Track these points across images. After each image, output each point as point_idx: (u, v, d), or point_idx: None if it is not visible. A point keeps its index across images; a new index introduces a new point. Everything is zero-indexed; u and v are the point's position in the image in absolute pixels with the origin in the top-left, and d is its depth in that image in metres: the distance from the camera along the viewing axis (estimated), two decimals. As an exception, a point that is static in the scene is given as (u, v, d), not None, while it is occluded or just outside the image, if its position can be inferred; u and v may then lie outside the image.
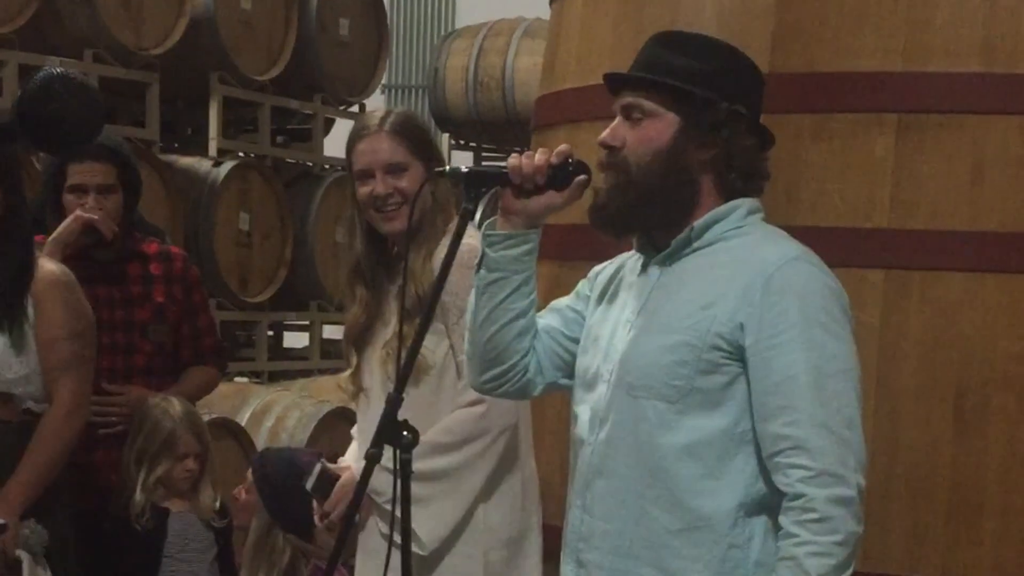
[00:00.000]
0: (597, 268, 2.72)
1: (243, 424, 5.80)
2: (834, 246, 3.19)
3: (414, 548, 3.28)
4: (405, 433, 2.49)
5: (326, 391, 6.49)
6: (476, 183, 2.58)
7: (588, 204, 2.55)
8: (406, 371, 2.51)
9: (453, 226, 2.71)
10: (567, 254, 3.83)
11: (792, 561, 2.32)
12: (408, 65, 13.76)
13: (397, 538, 2.61)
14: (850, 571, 2.33)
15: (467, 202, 2.57)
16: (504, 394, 2.73)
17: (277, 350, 8.14)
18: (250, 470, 3.95)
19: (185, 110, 7.62)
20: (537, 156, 2.51)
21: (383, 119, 3.42)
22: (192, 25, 6.84)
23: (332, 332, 8.12)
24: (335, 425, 6.02)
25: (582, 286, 2.71)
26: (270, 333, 7.85)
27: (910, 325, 3.19)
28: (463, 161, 10.33)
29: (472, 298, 2.64)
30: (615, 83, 2.56)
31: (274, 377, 7.53)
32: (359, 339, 3.53)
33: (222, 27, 7.00)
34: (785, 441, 2.35)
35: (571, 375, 2.68)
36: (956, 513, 3.15)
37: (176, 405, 4.08)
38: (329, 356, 7.88)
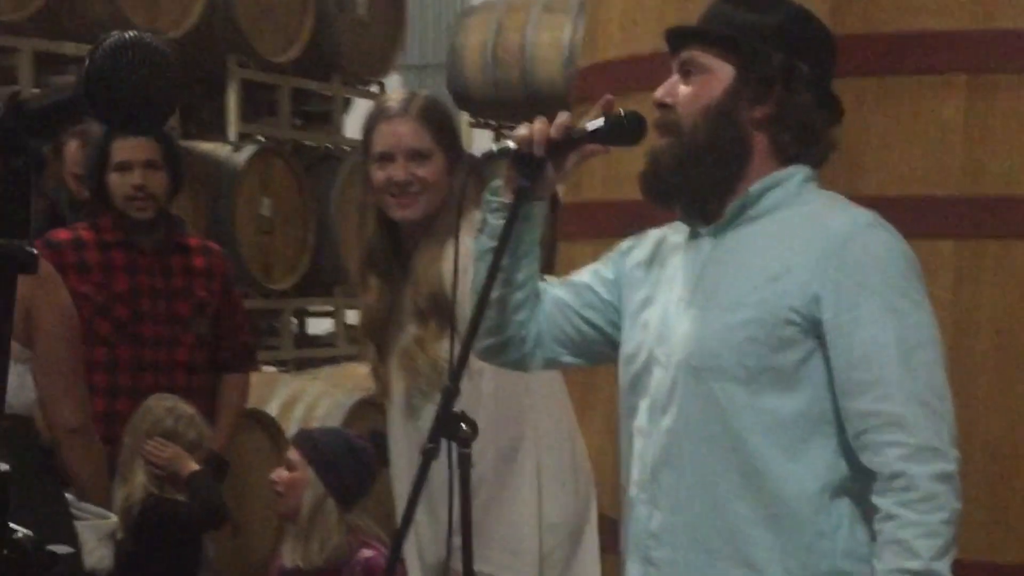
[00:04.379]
0: (626, 244, 2.56)
1: (273, 414, 5.66)
2: (901, 216, 3.01)
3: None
4: (463, 426, 2.37)
5: (355, 378, 6.35)
6: (527, 159, 2.44)
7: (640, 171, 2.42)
8: (461, 362, 2.37)
9: (470, 221, 2.60)
10: (610, 232, 3.67)
11: (898, 545, 2.17)
12: (425, 43, 13.61)
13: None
14: (954, 552, 2.18)
15: (523, 179, 2.44)
16: (502, 364, 2.63)
17: (301, 338, 8.00)
18: (293, 449, 3.87)
19: (202, 94, 7.47)
20: (549, 125, 2.38)
21: (408, 102, 3.28)
22: (208, 7, 6.68)
23: (357, 318, 7.98)
24: (366, 413, 5.89)
25: (607, 266, 2.55)
26: (294, 321, 7.72)
27: (984, 297, 3.04)
28: (483, 140, 10.19)
29: (472, 265, 2.52)
30: (673, 40, 2.44)
31: (300, 365, 7.39)
32: (378, 334, 3.40)
33: (239, 8, 6.85)
34: (876, 417, 2.21)
35: (575, 352, 2.56)
36: (1039, 494, 3.00)
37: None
38: (356, 342, 7.73)
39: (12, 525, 1.41)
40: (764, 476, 2.28)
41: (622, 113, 2.39)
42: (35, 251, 1.39)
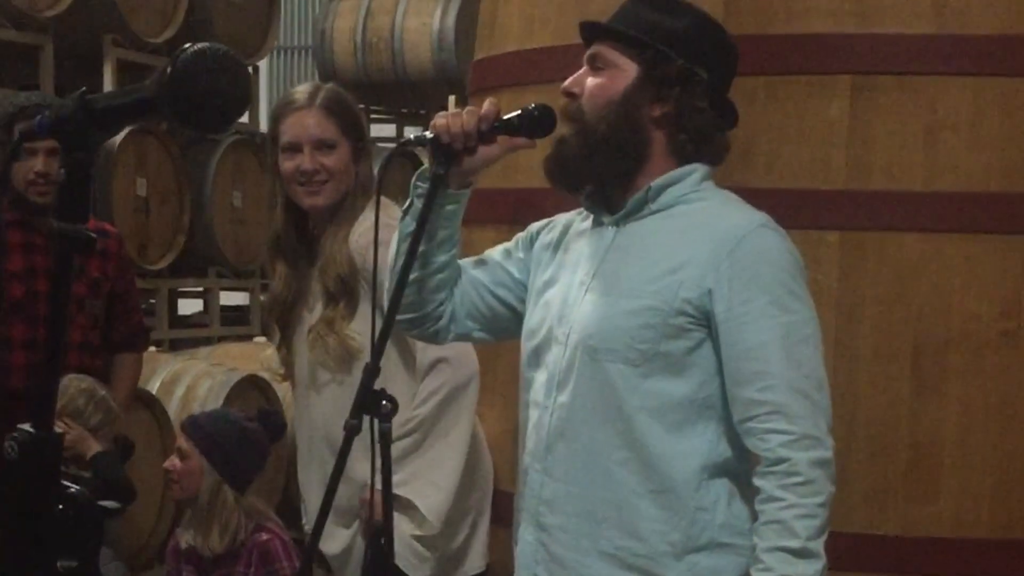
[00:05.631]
0: (536, 226, 2.71)
1: (154, 393, 5.68)
2: (790, 208, 3.20)
3: (421, 531, 3.26)
4: (384, 403, 2.45)
5: (233, 359, 6.38)
6: (444, 147, 2.54)
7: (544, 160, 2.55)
8: (382, 341, 2.46)
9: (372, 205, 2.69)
10: (506, 218, 3.79)
11: (779, 525, 2.33)
12: (295, 26, 13.56)
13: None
14: (827, 532, 2.35)
15: (438, 167, 2.54)
16: (416, 336, 2.78)
17: (173, 318, 7.98)
18: (184, 437, 3.90)
19: (77, 73, 7.40)
20: (467, 115, 2.49)
21: (314, 94, 3.39)
22: (85, -14, 6.64)
23: (229, 299, 7.99)
24: (246, 392, 5.94)
25: (517, 246, 2.70)
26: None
27: (867, 286, 3.21)
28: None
29: (394, 243, 2.62)
30: (587, 34, 2.58)
31: (173, 346, 7.39)
32: (283, 319, 3.49)
33: (116, -12, 6.81)
34: (761, 407, 2.37)
35: (486, 328, 2.69)
36: (915, 471, 3.18)
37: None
38: (229, 323, 7.75)
39: (64, 483, 1.50)
40: (650, 453, 2.43)
41: (532, 106, 2.52)
42: (93, 234, 1.49)
